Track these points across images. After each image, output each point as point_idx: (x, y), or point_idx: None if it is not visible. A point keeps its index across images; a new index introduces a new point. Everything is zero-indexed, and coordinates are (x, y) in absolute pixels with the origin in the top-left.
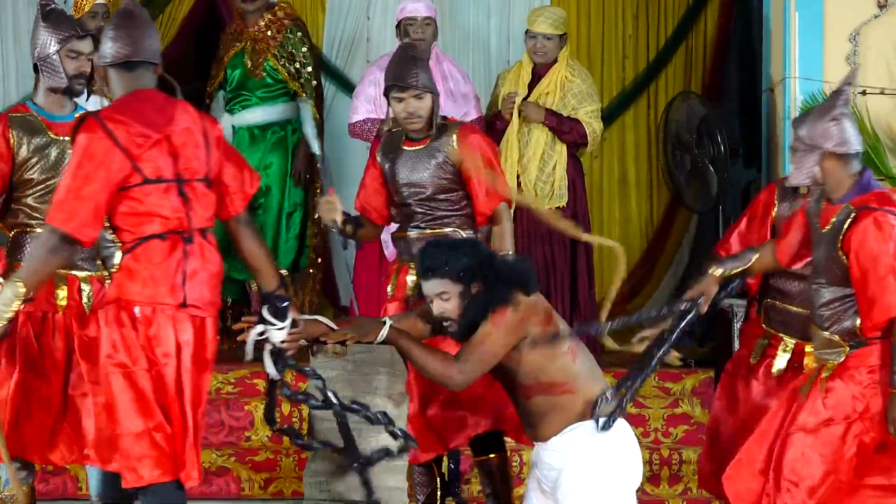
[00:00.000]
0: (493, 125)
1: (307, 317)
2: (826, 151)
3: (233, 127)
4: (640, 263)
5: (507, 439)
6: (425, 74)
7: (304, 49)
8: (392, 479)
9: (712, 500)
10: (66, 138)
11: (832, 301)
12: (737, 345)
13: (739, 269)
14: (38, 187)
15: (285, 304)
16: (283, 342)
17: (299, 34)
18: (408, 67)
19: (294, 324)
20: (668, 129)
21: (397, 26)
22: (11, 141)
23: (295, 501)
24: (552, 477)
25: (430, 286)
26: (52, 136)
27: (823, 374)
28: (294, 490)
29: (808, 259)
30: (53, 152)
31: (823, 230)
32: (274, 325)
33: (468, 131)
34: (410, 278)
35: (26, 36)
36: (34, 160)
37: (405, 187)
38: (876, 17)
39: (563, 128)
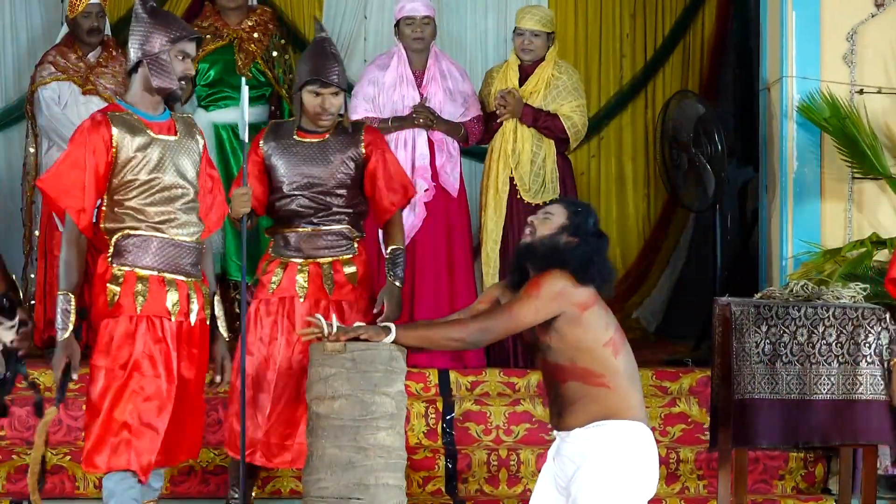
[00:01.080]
0: (489, 122)
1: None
2: None
3: (213, 125)
4: (638, 262)
5: None
6: (343, 71)
7: (286, 56)
8: (391, 478)
9: (709, 499)
10: (168, 137)
11: None
12: (735, 343)
13: None
14: (143, 188)
15: (10, 303)
16: (12, 341)
17: (283, 42)
18: (329, 63)
19: (23, 323)
20: (665, 128)
21: (396, 25)
22: (114, 140)
23: (292, 500)
24: (569, 471)
25: (547, 208)
26: (152, 135)
27: None
28: (291, 489)
29: None
30: (155, 152)
31: None
32: (2, 323)
33: (375, 132)
34: (301, 277)
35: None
36: (137, 160)
37: (298, 178)
38: (873, 16)
39: (540, 123)
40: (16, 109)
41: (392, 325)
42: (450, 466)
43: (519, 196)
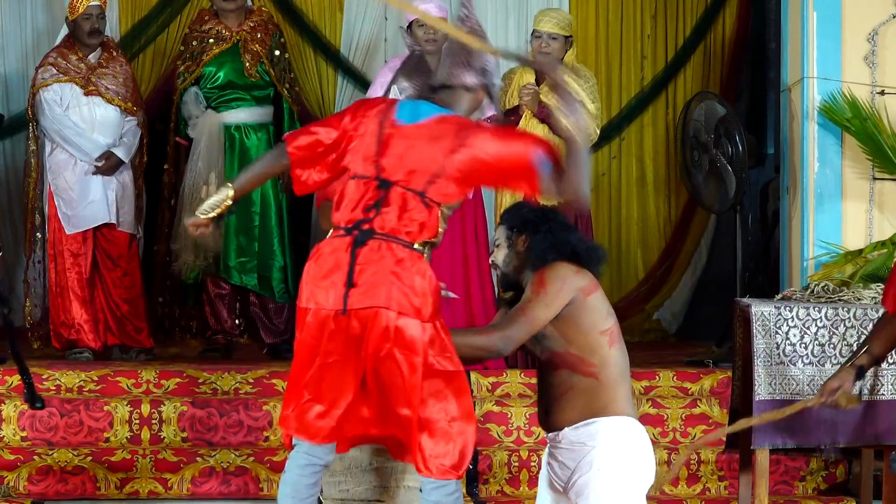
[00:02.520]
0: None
1: None
2: None
3: (223, 126)
4: (658, 263)
5: None
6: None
7: (286, 55)
8: (412, 480)
9: (731, 500)
10: None
11: None
12: (756, 344)
13: None
14: None
15: None
16: None
17: (282, 41)
18: None
19: None
20: (686, 129)
21: (408, 27)
22: None
23: None
24: (564, 476)
25: (497, 235)
26: None
27: None
28: None
29: None
30: None
31: None
32: None
33: None
34: None
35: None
36: None
37: None
38: (894, 16)
39: (551, 121)
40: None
41: None
42: (471, 467)
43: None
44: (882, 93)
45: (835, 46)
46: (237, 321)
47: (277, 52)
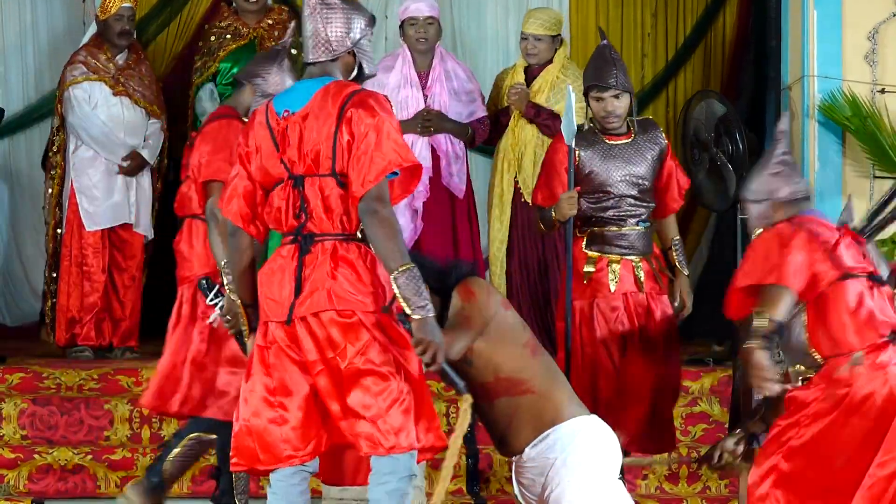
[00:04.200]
0: (497, 121)
1: None
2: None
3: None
4: None
5: None
6: (623, 74)
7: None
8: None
9: (731, 499)
10: None
11: None
12: None
13: None
14: None
15: None
16: None
17: (300, 40)
18: (608, 67)
19: None
20: (686, 128)
21: (400, 26)
22: None
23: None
24: (536, 492)
25: None
26: None
27: None
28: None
29: None
30: None
31: None
32: None
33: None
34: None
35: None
36: None
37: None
38: (894, 15)
39: (540, 120)
40: (37, 110)
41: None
42: (471, 466)
43: (523, 199)
44: (882, 91)
45: (835, 45)
46: None
47: (294, 52)
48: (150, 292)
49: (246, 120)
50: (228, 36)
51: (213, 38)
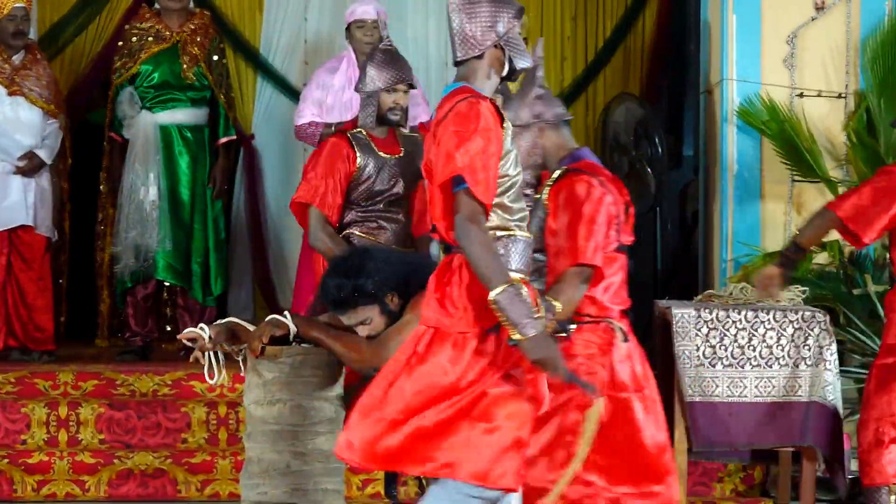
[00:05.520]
0: None
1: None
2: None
3: (158, 126)
4: None
5: None
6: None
7: (224, 60)
8: (330, 482)
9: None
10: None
11: None
12: (677, 346)
13: None
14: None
15: None
16: None
17: (221, 46)
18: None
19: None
20: (606, 131)
21: (347, 28)
22: None
23: (231, 503)
24: None
25: (350, 319)
26: None
27: None
28: (230, 492)
29: None
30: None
31: None
32: None
33: None
34: None
35: None
36: None
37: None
38: (813, 19)
39: None
40: None
41: (287, 314)
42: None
43: None
44: (801, 95)
45: (754, 49)
46: (157, 322)
47: (216, 57)
48: (70, 295)
49: None
50: (150, 38)
51: (134, 40)
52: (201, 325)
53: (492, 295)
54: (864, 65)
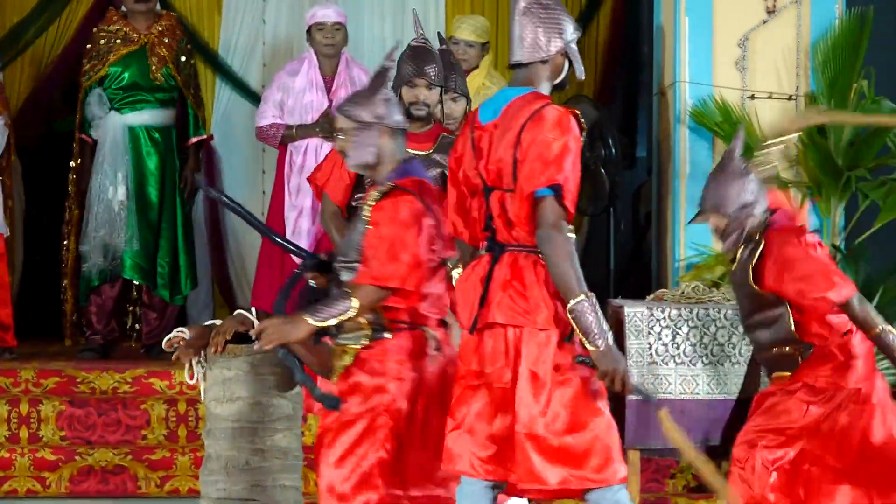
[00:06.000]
0: None
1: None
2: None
3: (127, 127)
4: None
5: None
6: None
7: (192, 61)
8: (288, 479)
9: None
10: None
11: None
12: (629, 344)
13: None
14: None
15: None
16: None
17: (189, 47)
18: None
19: None
20: None
21: (308, 31)
22: None
23: (191, 500)
24: None
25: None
26: None
27: None
28: (190, 488)
29: None
30: None
31: None
32: None
33: None
34: None
35: None
36: None
37: None
38: (764, 22)
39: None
40: None
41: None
42: None
43: None
44: (752, 97)
45: (706, 51)
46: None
47: (184, 58)
48: (29, 295)
49: None
50: (118, 41)
51: (102, 42)
52: (180, 328)
53: (571, 303)
54: (815, 67)
